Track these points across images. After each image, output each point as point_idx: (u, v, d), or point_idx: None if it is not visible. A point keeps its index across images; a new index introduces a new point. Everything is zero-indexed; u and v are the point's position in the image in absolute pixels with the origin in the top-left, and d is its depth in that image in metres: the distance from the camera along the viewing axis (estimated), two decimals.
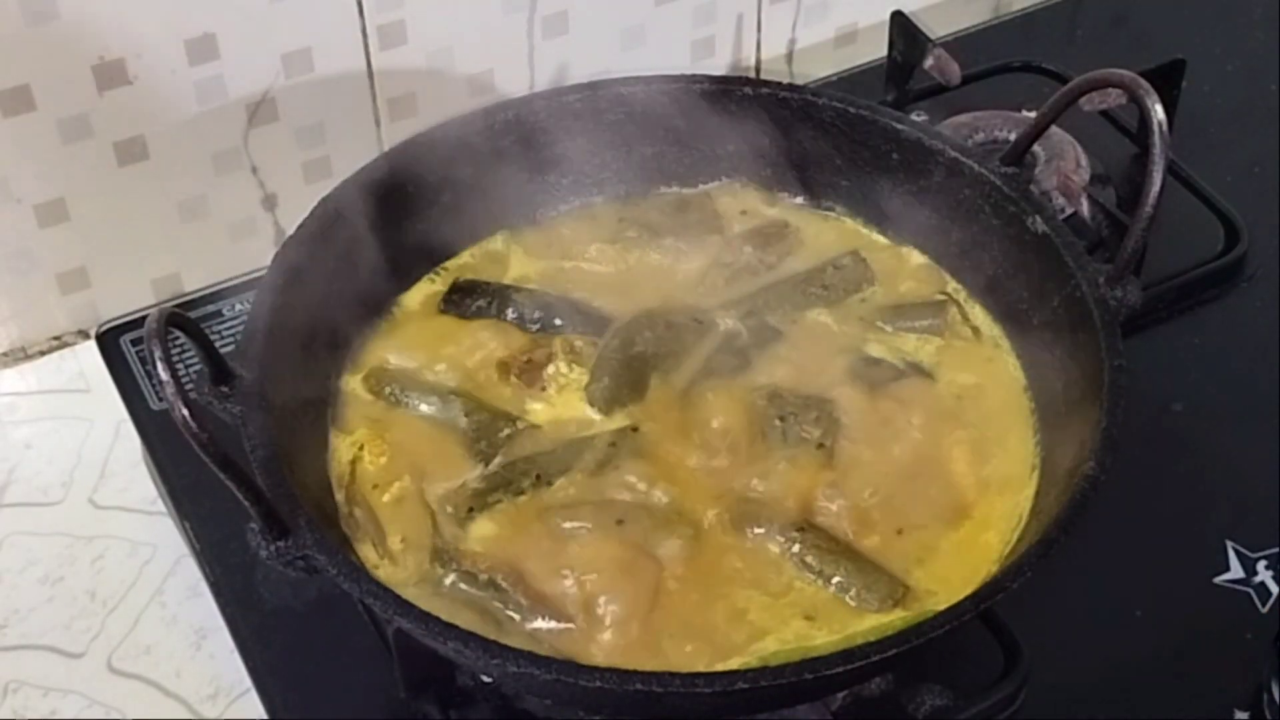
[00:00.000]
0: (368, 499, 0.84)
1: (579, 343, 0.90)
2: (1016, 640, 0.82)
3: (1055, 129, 1.00)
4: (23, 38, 0.93)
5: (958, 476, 0.85)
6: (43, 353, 1.05)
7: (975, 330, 0.92)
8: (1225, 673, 0.84)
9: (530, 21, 1.09)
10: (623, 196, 0.99)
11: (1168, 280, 1.02)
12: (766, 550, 0.81)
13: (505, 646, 0.71)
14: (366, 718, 0.83)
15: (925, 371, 0.90)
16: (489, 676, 0.80)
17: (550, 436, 0.87)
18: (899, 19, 1.14)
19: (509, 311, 0.92)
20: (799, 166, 0.98)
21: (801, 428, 0.86)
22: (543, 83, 1.12)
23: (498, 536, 0.82)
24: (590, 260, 0.96)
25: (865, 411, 0.87)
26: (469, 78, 1.09)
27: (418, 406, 0.88)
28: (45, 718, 0.86)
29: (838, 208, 0.99)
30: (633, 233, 0.97)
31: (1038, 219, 0.88)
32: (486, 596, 0.79)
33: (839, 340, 0.92)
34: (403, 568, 0.81)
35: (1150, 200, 0.81)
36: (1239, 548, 0.90)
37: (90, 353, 1.01)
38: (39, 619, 0.90)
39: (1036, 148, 1.02)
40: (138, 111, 0.99)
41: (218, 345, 0.79)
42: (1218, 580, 0.88)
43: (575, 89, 0.97)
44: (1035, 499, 0.83)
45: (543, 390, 0.89)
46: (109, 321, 1.02)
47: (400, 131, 1.03)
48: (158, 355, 0.69)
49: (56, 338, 1.05)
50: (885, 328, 0.93)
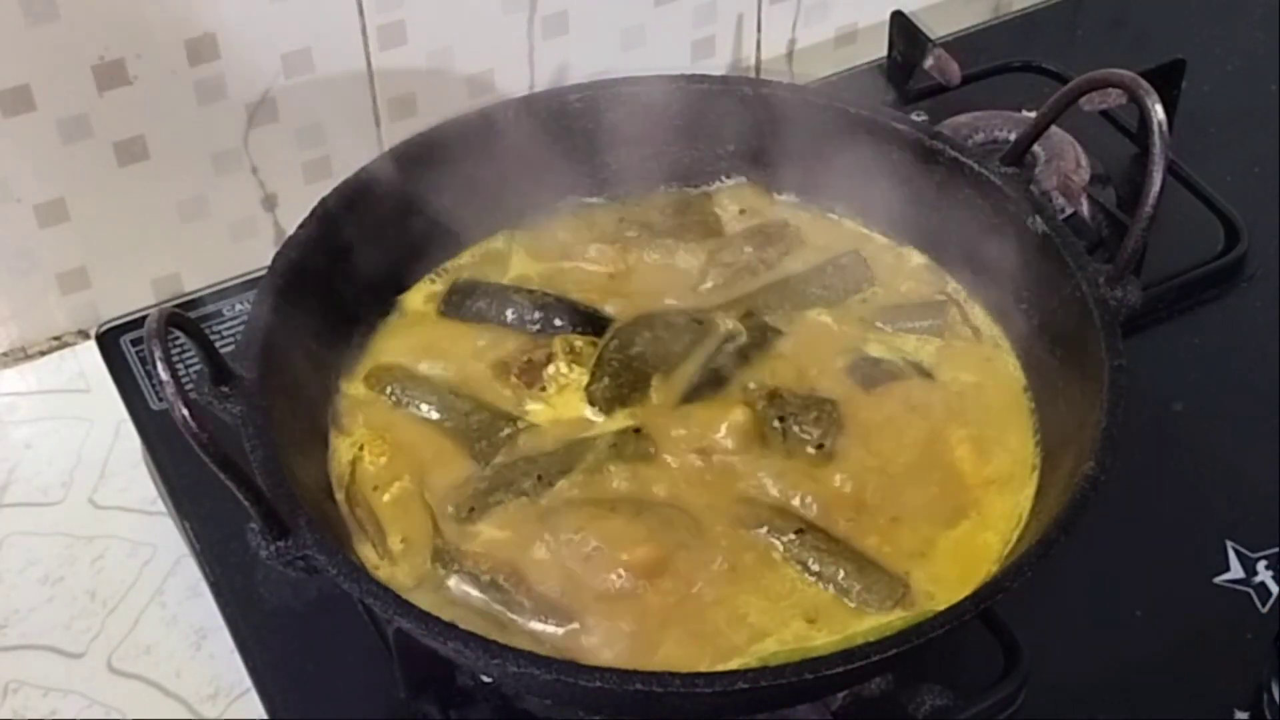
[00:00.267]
0: (368, 499, 0.84)
1: (579, 343, 0.90)
2: (1016, 640, 0.82)
3: (1055, 129, 1.00)
4: (23, 38, 0.93)
5: (958, 476, 0.85)
6: (43, 353, 1.05)
7: (975, 330, 0.92)
8: (1225, 673, 0.84)
9: (530, 21, 1.09)
10: (622, 196, 0.99)
11: (1168, 280, 1.02)
12: (767, 551, 0.81)
13: (505, 646, 0.71)
14: (366, 718, 0.83)
15: (925, 371, 0.90)
16: (489, 676, 0.80)
17: (551, 437, 0.87)
18: (899, 19, 1.14)
19: (509, 312, 0.92)
20: (799, 166, 0.98)
21: (801, 428, 0.86)
22: (543, 83, 1.12)
23: (499, 537, 0.82)
24: (590, 260, 0.96)
25: (865, 411, 0.87)
26: (469, 78, 1.09)
27: (418, 407, 0.88)
28: (45, 718, 0.86)
29: (838, 208, 0.99)
30: (633, 233, 0.97)
31: (1038, 219, 0.88)
32: (487, 597, 0.79)
33: (839, 340, 0.92)
34: (403, 568, 0.81)
35: (1150, 200, 0.81)
36: (1239, 548, 0.89)
37: (90, 353, 1.01)
38: (39, 619, 0.90)
39: (1036, 148, 1.02)
40: (138, 111, 0.99)
41: (218, 345, 0.79)
42: (1218, 580, 0.88)
43: (575, 89, 0.97)
44: (1035, 499, 0.83)
45: (542, 390, 0.89)
46: (109, 321, 1.02)
47: (400, 131, 1.02)
48: (158, 355, 0.69)
49: (56, 338, 1.05)
50: (885, 328, 0.92)
